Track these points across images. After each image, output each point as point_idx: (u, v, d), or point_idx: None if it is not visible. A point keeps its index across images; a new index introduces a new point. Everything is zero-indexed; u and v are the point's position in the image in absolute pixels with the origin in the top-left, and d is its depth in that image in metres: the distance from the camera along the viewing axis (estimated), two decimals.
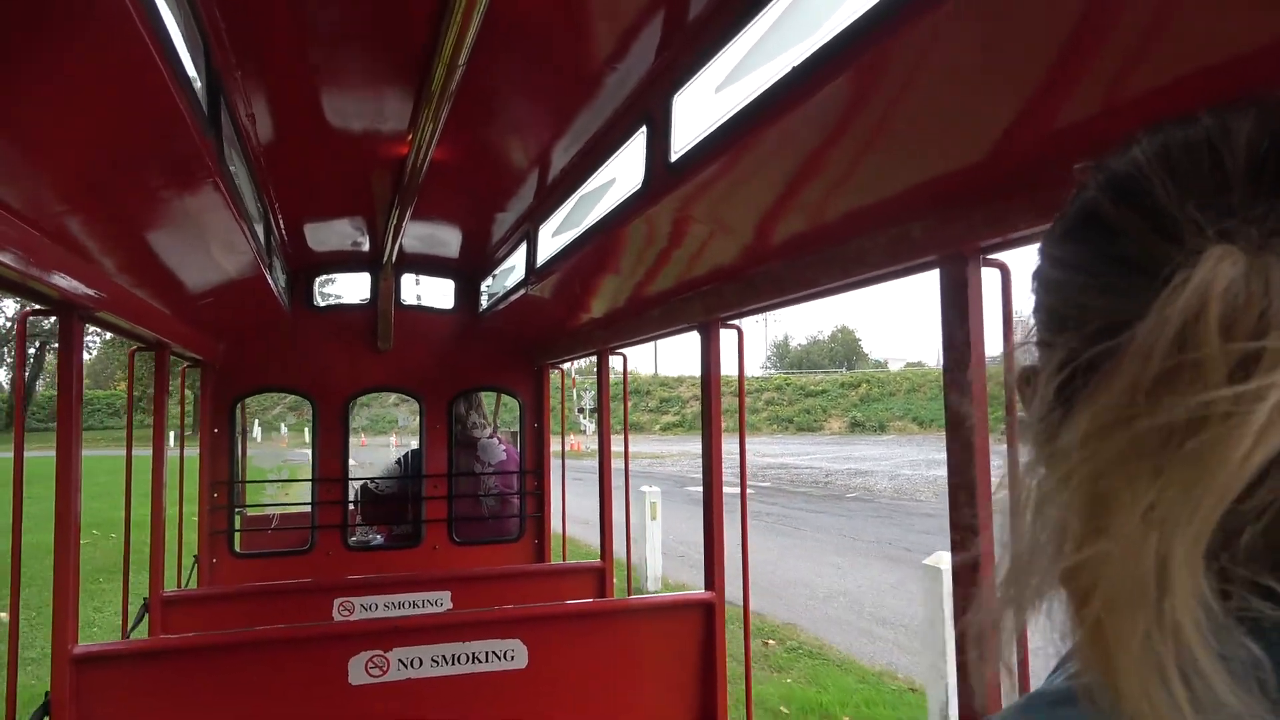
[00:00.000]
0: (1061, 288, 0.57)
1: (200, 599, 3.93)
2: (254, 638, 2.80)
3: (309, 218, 3.92)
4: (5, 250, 1.69)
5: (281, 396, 38.22)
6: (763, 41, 1.60)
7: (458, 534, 4.98)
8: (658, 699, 3.04)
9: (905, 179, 1.57)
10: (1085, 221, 0.57)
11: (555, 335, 4.54)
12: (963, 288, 1.58)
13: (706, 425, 2.93)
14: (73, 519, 2.33)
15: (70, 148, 1.63)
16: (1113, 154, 0.57)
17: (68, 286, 2.06)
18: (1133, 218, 0.51)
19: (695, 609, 3.06)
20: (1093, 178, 0.58)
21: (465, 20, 1.71)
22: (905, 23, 1.14)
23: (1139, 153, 0.54)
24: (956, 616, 1.66)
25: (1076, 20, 1.01)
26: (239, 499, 4.89)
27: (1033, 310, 0.62)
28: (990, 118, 1.29)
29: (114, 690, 2.51)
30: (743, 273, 2.41)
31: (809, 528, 15.85)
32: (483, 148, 2.90)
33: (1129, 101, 1.10)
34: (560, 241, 3.13)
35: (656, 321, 3.12)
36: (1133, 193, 0.52)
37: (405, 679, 2.76)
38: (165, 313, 3.13)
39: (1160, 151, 0.52)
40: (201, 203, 2.13)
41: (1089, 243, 0.55)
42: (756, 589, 9.98)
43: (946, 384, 1.66)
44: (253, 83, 2.23)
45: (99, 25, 1.19)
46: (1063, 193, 1.27)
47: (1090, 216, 0.56)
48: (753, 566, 2.92)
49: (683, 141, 1.94)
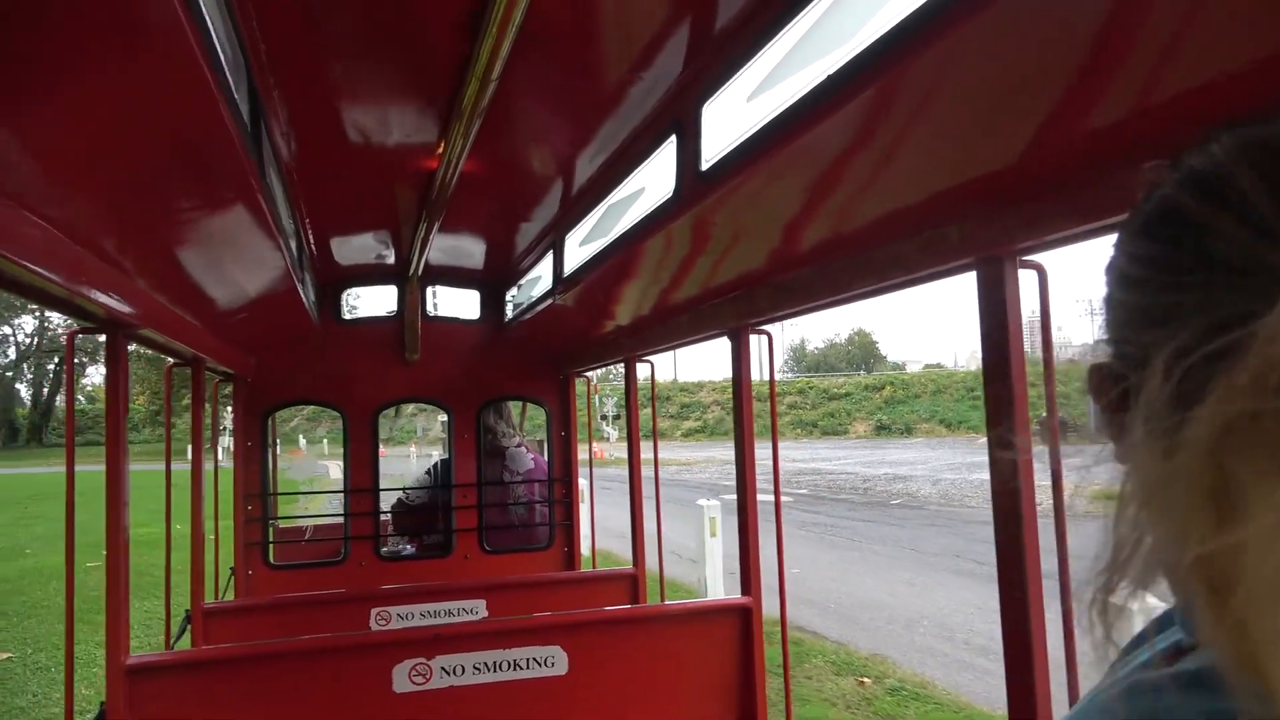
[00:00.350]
0: (1145, 285, 0.57)
1: (240, 610, 3.98)
2: (299, 647, 2.84)
3: (337, 232, 3.97)
4: (56, 269, 1.74)
5: (298, 410, 38.36)
6: (795, 49, 1.61)
7: (488, 543, 5.01)
8: (697, 704, 3.05)
9: (940, 182, 1.58)
10: (1165, 219, 0.58)
11: (582, 344, 4.57)
12: (1000, 290, 1.59)
13: (739, 431, 2.94)
14: (122, 533, 2.38)
15: (123, 168, 1.67)
16: (1189, 152, 0.58)
17: (113, 304, 2.11)
18: (1225, 218, 0.52)
19: (732, 614, 3.07)
20: (1168, 175, 0.59)
21: (500, 35, 1.74)
22: (939, 29, 1.15)
23: (1219, 152, 0.55)
24: (1004, 617, 1.66)
25: (1109, 21, 1.01)
26: (272, 511, 4.95)
27: (1105, 306, 0.62)
28: (1025, 120, 1.30)
29: (165, 700, 2.56)
30: (773, 278, 2.42)
31: (864, 539, 15.26)
32: (510, 160, 2.93)
33: (1164, 102, 1.11)
34: (587, 251, 3.16)
35: (685, 328, 3.13)
36: (1219, 192, 0.53)
37: (448, 686, 2.79)
38: (202, 329, 3.18)
39: (1242, 151, 0.54)
40: (242, 220, 2.17)
41: (1173, 241, 0.56)
42: (825, 610, 9.93)
43: (986, 386, 1.66)
44: (289, 101, 2.27)
45: (154, 47, 1.22)
46: (1100, 193, 1.29)
47: (1170, 214, 0.57)
48: (812, 584, 2.91)
49: (714, 149, 1.95)
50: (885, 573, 12.14)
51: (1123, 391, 0.58)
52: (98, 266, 1.99)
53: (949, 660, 8.08)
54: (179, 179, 1.85)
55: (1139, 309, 0.58)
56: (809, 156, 1.63)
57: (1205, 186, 0.55)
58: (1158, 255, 0.57)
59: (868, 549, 14.27)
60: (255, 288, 3.07)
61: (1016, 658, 1.63)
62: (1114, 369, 0.61)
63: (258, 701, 2.69)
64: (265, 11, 1.80)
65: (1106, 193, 1.28)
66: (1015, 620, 1.63)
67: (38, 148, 1.48)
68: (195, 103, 1.42)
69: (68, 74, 1.26)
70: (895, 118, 1.42)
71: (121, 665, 2.43)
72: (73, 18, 1.10)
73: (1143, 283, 0.58)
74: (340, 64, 2.16)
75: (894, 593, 10.82)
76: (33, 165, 1.53)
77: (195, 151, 1.69)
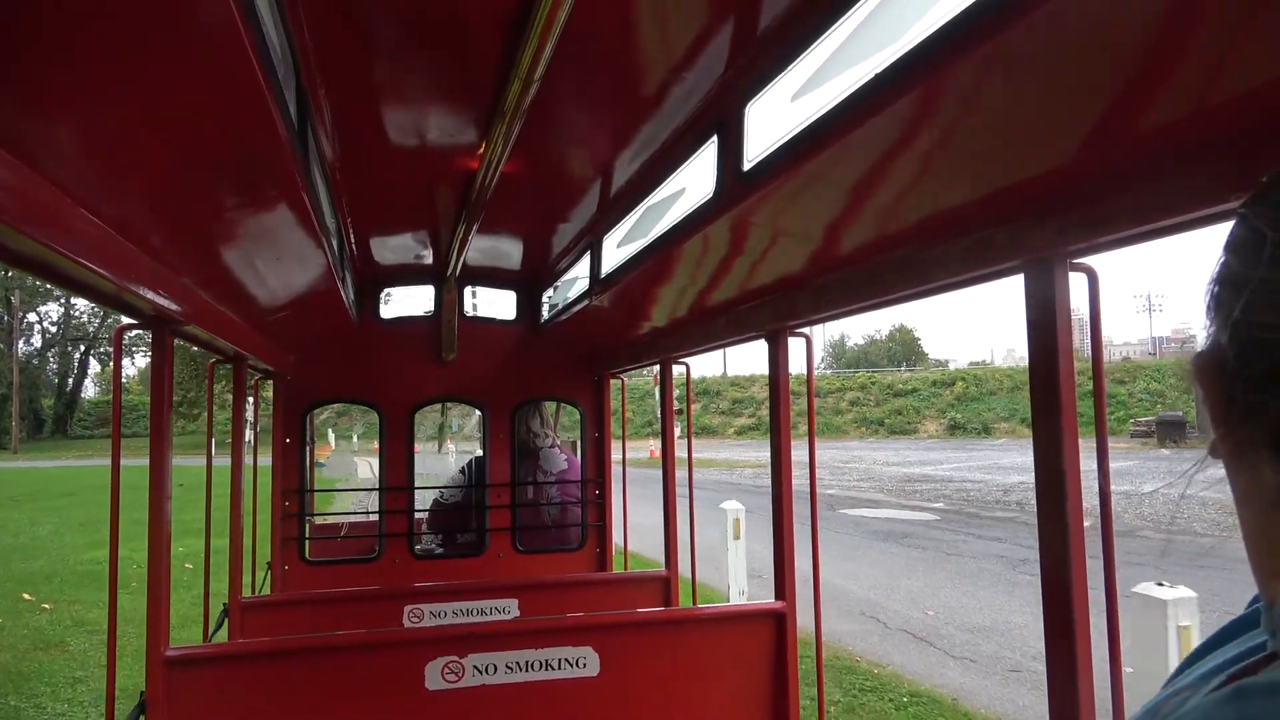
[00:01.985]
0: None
1: (276, 604, 4.04)
2: (333, 642, 2.87)
3: (377, 231, 4.02)
4: (107, 266, 1.78)
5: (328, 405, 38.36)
6: (841, 49, 1.60)
7: (521, 543, 5.03)
8: (729, 710, 3.03)
9: (988, 184, 1.56)
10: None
11: (617, 345, 4.57)
12: (1049, 293, 1.56)
13: (775, 434, 2.93)
14: (164, 526, 2.42)
15: (173, 166, 1.70)
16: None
17: (160, 301, 2.15)
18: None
19: (766, 619, 3.05)
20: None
21: (544, 36, 1.75)
22: (988, 29, 1.13)
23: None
24: (1047, 624, 1.62)
25: (1166, 19, 0.99)
26: (309, 507, 5.02)
27: (1229, 288, 0.58)
28: (1078, 120, 1.27)
29: (203, 691, 2.60)
30: (813, 280, 2.40)
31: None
32: (549, 161, 2.94)
33: (1223, 102, 1.08)
34: (625, 252, 3.16)
35: (722, 330, 3.12)
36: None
37: (480, 685, 2.80)
38: (245, 325, 3.23)
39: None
40: (286, 218, 2.20)
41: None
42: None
43: (1032, 390, 1.63)
44: (334, 101, 2.30)
45: (209, 47, 1.24)
46: (1157, 194, 1.26)
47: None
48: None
49: (756, 150, 1.94)
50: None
51: (1249, 383, 0.55)
52: (146, 263, 2.03)
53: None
54: (227, 177, 1.88)
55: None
56: (853, 157, 1.61)
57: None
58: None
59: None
60: (297, 286, 3.11)
61: (1059, 663, 1.60)
62: (1233, 358, 0.57)
63: (292, 695, 2.72)
64: (314, 12, 1.82)
65: (1163, 193, 1.25)
66: (1059, 623, 1.60)
67: (93, 145, 1.52)
68: (246, 102, 1.44)
69: (122, 72, 1.29)
70: (942, 119, 1.40)
71: (161, 656, 2.47)
72: (129, 16, 1.13)
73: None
74: (385, 64, 2.18)
75: None
76: (88, 162, 1.56)
77: (244, 150, 1.72)
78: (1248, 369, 0.56)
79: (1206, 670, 0.61)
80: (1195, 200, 1.18)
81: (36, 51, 1.16)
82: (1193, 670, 0.66)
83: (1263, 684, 0.52)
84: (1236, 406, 0.58)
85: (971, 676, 7.43)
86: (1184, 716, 0.55)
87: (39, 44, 1.14)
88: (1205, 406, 0.61)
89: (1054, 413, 1.57)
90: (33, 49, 1.15)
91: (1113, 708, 1.57)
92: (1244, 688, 0.53)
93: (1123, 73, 1.12)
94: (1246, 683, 0.53)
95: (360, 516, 6.33)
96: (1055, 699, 1.62)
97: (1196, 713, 0.54)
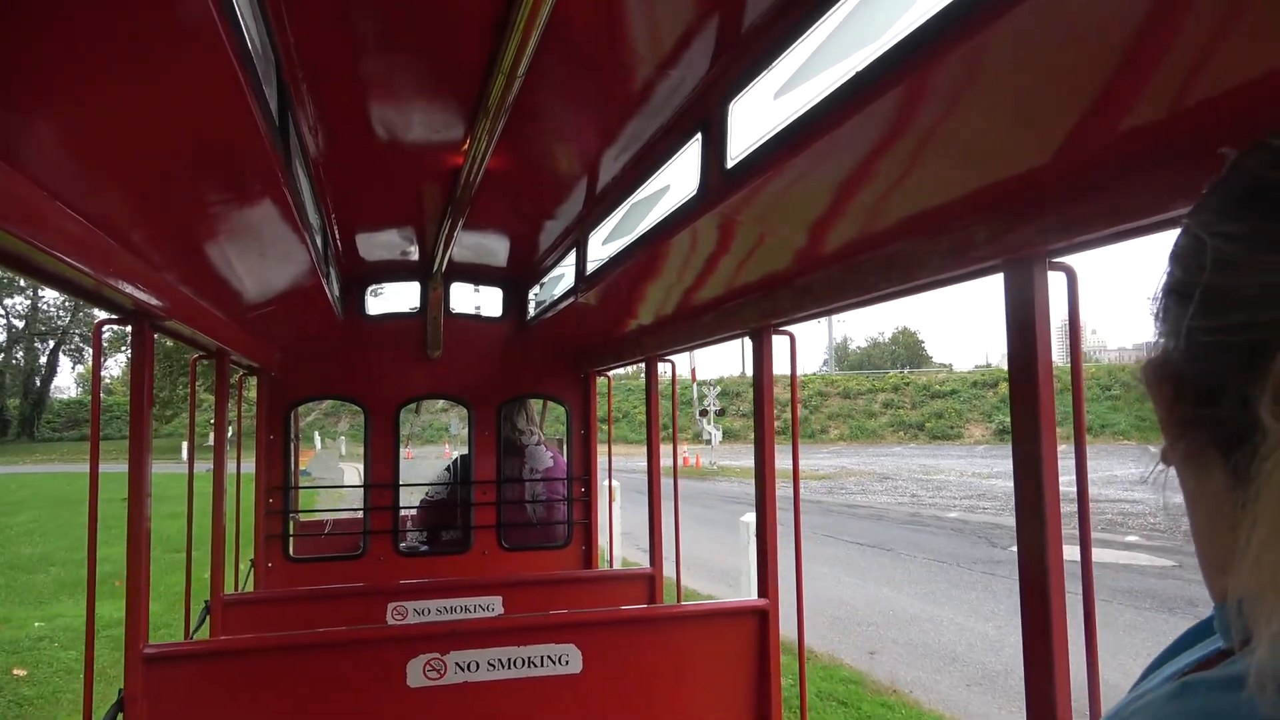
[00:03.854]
0: (1246, 265, 0.54)
1: (258, 601, 4.02)
2: (315, 639, 2.86)
3: (362, 227, 4.00)
4: (87, 261, 1.76)
5: (313, 405, 37.65)
6: (824, 47, 1.60)
7: (506, 540, 5.02)
8: (712, 705, 3.03)
9: (968, 183, 1.56)
10: (1260, 195, 0.56)
11: (603, 342, 4.57)
12: (1029, 292, 1.57)
13: (759, 434, 2.94)
14: (144, 524, 2.41)
15: (153, 161, 1.69)
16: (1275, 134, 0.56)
17: (141, 296, 2.13)
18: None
19: (749, 616, 3.06)
20: (1254, 156, 0.57)
21: (527, 32, 1.74)
22: (969, 28, 1.14)
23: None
24: (1025, 627, 1.63)
25: (1145, 21, 1.00)
26: (293, 505, 4.99)
27: (1177, 292, 0.59)
28: (1058, 120, 1.28)
29: (182, 688, 2.58)
30: (797, 278, 2.40)
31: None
32: (535, 157, 2.94)
33: (1201, 103, 1.09)
34: (611, 249, 3.15)
35: (707, 328, 3.12)
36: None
37: (462, 682, 2.80)
38: (227, 321, 3.21)
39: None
40: (269, 213, 2.19)
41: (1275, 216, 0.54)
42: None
43: (1012, 390, 1.64)
44: (317, 96, 2.29)
45: (187, 43, 1.23)
46: (1135, 194, 1.27)
47: (1269, 189, 0.55)
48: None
49: (740, 147, 1.94)
50: None
51: (1198, 388, 0.56)
52: (126, 258, 2.01)
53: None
54: (208, 172, 1.87)
55: (1234, 291, 0.54)
56: (836, 155, 1.61)
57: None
58: (1261, 231, 0.54)
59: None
60: (281, 282, 3.09)
61: (1037, 666, 1.61)
62: (1180, 365, 0.59)
63: (273, 692, 2.71)
64: (296, 8, 1.81)
65: (1141, 194, 1.25)
66: (1036, 626, 1.61)
67: (71, 141, 1.50)
68: (225, 98, 1.43)
69: (99, 65, 1.28)
70: (924, 117, 1.40)
71: (140, 654, 2.46)
72: (106, 10, 1.11)
73: (1242, 263, 0.54)
74: (369, 60, 2.17)
75: None
76: (66, 158, 1.55)
77: (224, 146, 1.71)
78: (1195, 375, 0.58)
79: (1169, 674, 0.62)
80: (1171, 201, 1.19)
81: (12, 45, 1.15)
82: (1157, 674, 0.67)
83: (1210, 679, 0.53)
84: (1186, 412, 0.59)
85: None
86: (1133, 715, 0.56)
87: (14, 37, 1.13)
88: (1156, 414, 0.63)
89: (1033, 412, 1.58)
90: (8, 42, 1.14)
91: (1090, 713, 1.58)
92: (1190, 683, 0.54)
93: (1100, 74, 1.12)
94: (1192, 678, 0.54)
95: (345, 514, 6.30)
96: (1033, 704, 1.63)
97: (1145, 711, 0.55)
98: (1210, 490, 0.59)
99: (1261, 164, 0.56)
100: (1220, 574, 0.59)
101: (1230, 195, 0.58)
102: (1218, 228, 0.57)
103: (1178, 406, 0.60)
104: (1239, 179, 0.58)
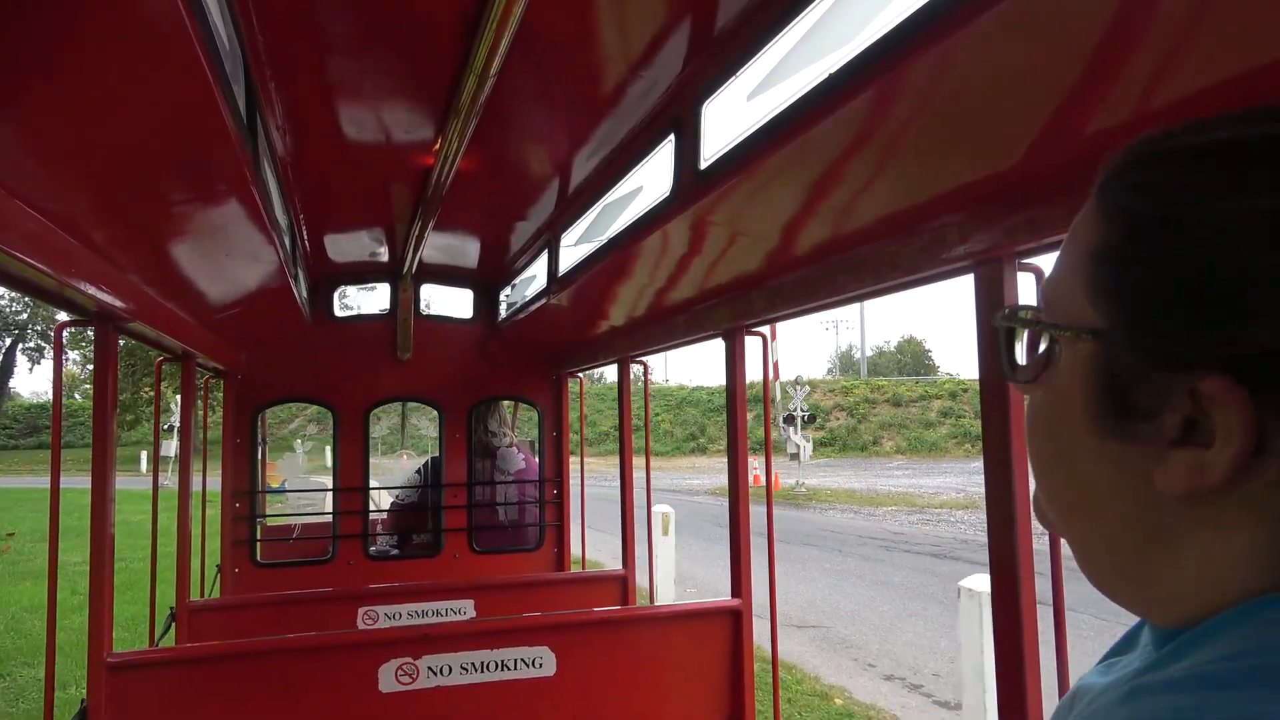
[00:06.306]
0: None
1: (226, 608, 3.95)
2: (285, 645, 2.81)
3: (331, 228, 3.95)
4: (47, 260, 1.72)
5: (295, 411, 36.52)
6: (796, 49, 1.61)
7: (477, 543, 4.99)
8: (685, 707, 3.03)
9: (939, 183, 1.58)
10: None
11: (575, 344, 4.56)
12: (998, 292, 1.59)
13: (732, 436, 2.95)
14: (108, 530, 2.36)
15: (116, 159, 1.65)
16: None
17: (104, 297, 2.08)
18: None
19: (722, 616, 3.06)
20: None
21: (499, 32, 1.73)
22: (940, 31, 1.15)
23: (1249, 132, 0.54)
24: (997, 634, 1.65)
25: (1111, 25, 1.01)
26: (260, 509, 4.92)
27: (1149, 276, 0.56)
28: (1026, 122, 1.30)
29: (147, 696, 2.53)
30: (769, 279, 2.41)
31: None
32: (506, 158, 2.92)
33: (1163, 107, 1.11)
34: (583, 250, 3.15)
35: (680, 329, 3.13)
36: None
37: (435, 686, 2.77)
38: (193, 323, 3.16)
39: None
40: (236, 214, 2.15)
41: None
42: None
43: (982, 390, 1.66)
44: (286, 95, 2.26)
45: (152, 37, 1.21)
46: None
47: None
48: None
49: (713, 149, 1.95)
50: None
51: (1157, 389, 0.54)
52: (89, 258, 1.97)
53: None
54: (173, 171, 1.83)
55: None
56: (808, 156, 1.62)
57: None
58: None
59: None
60: (248, 283, 3.05)
61: (1008, 667, 1.63)
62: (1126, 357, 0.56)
63: (241, 700, 2.66)
64: (265, 5, 1.78)
65: None
66: (1008, 628, 1.62)
67: (30, 137, 1.47)
68: (191, 95, 1.40)
69: (62, 63, 1.25)
70: (895, 118, 1.42)
71: (103, 661, 2.40)
72: (69, 6, 1.09)
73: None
74: (338, 59, 2.15)
75: None
76: (24, 155, 1.51)
77: (190, 144, 1.68)
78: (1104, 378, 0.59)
79: (1112, 680, 0.62)
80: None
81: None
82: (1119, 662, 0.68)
83: (1158, 682, 0.53)
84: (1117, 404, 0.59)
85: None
86: (1084, 715, 0.57)
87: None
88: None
89: (1004, 412, 1.60)
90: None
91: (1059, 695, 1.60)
92: (1139, 687, 0.54)
93: (1068, 78, 1.14)
94: (1141, 682, 0.54)
95: (313, 518, 6.22)
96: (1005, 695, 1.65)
97: (1096, 716, 0.56)
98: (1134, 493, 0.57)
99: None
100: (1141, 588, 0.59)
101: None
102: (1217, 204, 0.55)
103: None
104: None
